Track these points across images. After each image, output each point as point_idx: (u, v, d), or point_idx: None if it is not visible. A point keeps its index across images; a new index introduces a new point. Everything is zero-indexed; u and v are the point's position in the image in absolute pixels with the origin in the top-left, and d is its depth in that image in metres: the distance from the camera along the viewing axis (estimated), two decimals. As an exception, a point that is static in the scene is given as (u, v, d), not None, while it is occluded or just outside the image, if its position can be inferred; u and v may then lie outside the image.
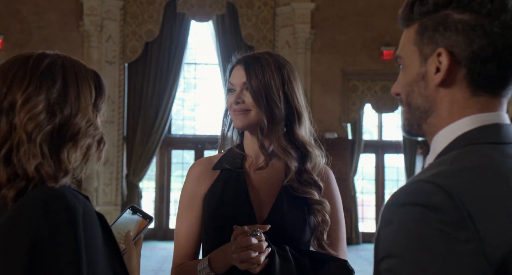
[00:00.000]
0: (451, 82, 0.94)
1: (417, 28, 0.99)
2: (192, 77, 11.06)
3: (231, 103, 1.62)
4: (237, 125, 1.62)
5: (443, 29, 0.94)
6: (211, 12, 9.83)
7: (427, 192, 0.82)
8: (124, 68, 9.82)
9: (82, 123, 1.11)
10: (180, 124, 10.93)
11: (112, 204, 9.60)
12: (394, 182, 10.77)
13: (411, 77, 0.99)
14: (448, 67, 0.93)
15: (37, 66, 1.12)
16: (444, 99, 0.96)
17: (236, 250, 1.41)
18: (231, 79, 1.65)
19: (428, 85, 0.97)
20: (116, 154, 9.72)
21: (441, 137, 0.96)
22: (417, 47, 0.98)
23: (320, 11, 9.86)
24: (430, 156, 0.98)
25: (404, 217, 0.82)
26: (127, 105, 9.89)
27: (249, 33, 9.87)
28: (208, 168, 1.66)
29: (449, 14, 0.94)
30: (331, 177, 1.68)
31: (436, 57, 0.95)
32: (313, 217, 1.59)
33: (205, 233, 1.61)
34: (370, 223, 10.45)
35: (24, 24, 9.46)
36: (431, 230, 0.79)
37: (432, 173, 0.86)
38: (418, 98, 0.99)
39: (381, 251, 0.85)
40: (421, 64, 0.98)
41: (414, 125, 1.02)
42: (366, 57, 9.86)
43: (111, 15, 9.68)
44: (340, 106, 9.83)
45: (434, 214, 0.79)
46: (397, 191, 0.87)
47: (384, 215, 0.87)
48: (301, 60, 9.75)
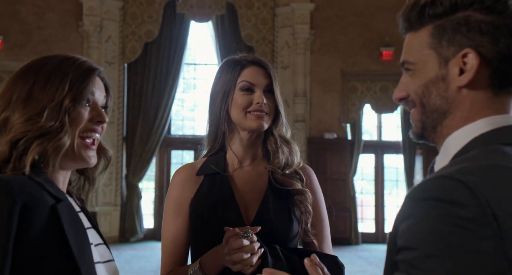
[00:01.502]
0: (475, 83, 0.94)
1: (431, 31, 0.97)
2: (192, 78, 11.07)
3: (248, 103, 1.60)
4: (256, 128, 1.60)
5: (466, 30, 0.93)
6: (211, 12, 9.84)
7: (450, 188, 0.82)
8: (123, 69, 9.83)
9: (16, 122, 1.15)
10: (179, 125, 10.93)
11: (112, 204, 9.60)
12: (394, 183, 10.77)
13: (427, 79, 0.98)
14: (477, 68, 0.92)
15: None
16: (466, 100, 0.95)
17: (228, 252, 1.41)
18: (249, 78, 1.61)
19: (449, 86, 0.96)
20: (115, 155, 9.72)
21: (456, 138, 0.96)
22: (433, 50, 0.97)
23: (320, 11, 9.87)
24: (441, 157, 0.97)
25: (426, 211, 0.82)
26: (127, 105, 9.89)
27: (249, 34, 9.88)
28: (192, 173, 1.65)
29: (470, 15, 0.93)
30: (312, 174, 1.71)
31: (460, 58, 0.94)
32: (297, 209, 1.60)
33: (193, 238, 1.61)
34: (370, 223, 10.45)
35: (24, 25, 9.47)
36: (453, 226, 0.79)
37: (455, 169, 0.85)
38: (436, 99, 0.97)
39: (399, 242, 0.85)
40: (440, 66, 0.96)
41: (428, 127, 1.01)
42: (365, 58, 9.87)
43: (111, 15, 9.68)
44: (339, 107, 9.84)
45: (456, 210, 0.79)
46: (417, 186, 0.87)
47: (404, 209, 0.86)
48: (300, 61, 9.76)
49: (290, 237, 1.57)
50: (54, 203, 1.10)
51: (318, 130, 9.78)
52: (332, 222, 1.73)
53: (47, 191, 1.12)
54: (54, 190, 1.13)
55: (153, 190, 10.41)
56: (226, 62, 1.68)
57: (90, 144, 1.23)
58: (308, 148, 9.46)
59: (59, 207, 1.10)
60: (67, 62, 1.22)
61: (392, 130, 10.72)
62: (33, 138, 1.14)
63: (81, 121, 1.20)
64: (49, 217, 1.08)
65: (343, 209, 9.47)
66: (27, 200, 1.06)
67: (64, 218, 1.10)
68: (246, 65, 1.64)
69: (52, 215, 1.09)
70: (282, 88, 9.35)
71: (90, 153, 1.23)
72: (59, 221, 1.09)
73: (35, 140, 1.14)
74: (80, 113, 1.20)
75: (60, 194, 1.15)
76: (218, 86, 1.66)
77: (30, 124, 1.14)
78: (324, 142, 9.63)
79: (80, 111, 1.20)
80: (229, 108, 1.63)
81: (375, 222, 10.38)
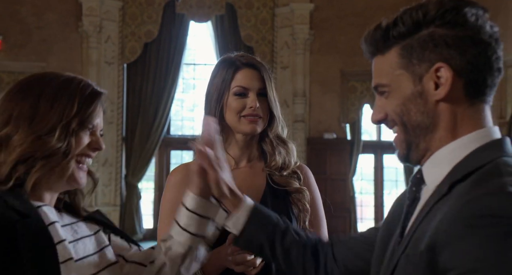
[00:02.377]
0: (451, 95, 0.96)
1: (399, 52, 0.99)
2: (191, 78, 11.06)
3: (242, 107, 1.61)
4: (250, 131, 1.61)
5: (433, 45, 0.95)
6: (210, 12, 9.83)
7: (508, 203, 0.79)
8: (123, 69, 9.82)
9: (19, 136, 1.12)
10: (179, 125, 10.93)
11: (111, 204, 9.59)
12: (393, 183, 10.77)
13: (403, 98, 0.99)
14: (452, 80, 0.94)
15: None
16: (446, 112, 0.97)
17: (231, 253, 1.41)
18: (242, 82, 1.62)
19: (427, 101, 0.97)
20: (115, 155, 9.72)
21: (451, 150, 0.97)
22: (404, 70, 0.99)
23: (319, 11, 9.87)
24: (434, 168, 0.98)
25: (488, 229, 0.78)
26: (126, 105, 9.89)
27: (248, 34, 9.88)
28: (188, 174, 1.65)
29: (434, 31, 0.96)
30: (309, 173, 1.71)
31: (433, 73, 0.96)
32: (295, 208, 1.60)
33: None
34: (369, 223, 10.45)
35: (23, 25, 9.46)
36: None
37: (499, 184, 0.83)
38: (417, 115, 0.99)
39: (460, 265, 0.79)
40: (414, 83, 0.98)
41: (413, 146, 1.02)
42: (365, 58, 9.77)
43: (110, 15, 9.68)
44: (339, 107, 9.84)
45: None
46: (466, 203, 0.83)
47: (452, 228, 0.81)
48: (300, 61, 9.76)
49: None
50: (17, 219, 1.06)
51: (318, 130, 9.78)
52: (332, 222, 1.74)
53: (12, 208, 1.07)
54: (21, 206, 1.09)
55: (152, 190, 10.41)
56: (222, 61, 1.70)
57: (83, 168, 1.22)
58: (307, 148, 9.45)
59: (19, 225, 1.05)
60: (72, 82, 1.21)
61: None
62: (40, 159, 1.12)
63: (81, 146, 1.19)
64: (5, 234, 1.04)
65: (342, 209, 9.47)
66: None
67: (24, 236, 1.05)
68: (240, 67, 1.64)
69: (10, 232, 1.04)
70: (282, 88, 9.36)
71: (81, 174, 1.22)
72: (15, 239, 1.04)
73: (41, 160, 1.12)
74: (82, 137, 1.19)
75: (29, 210, 1.10)
76: (213, 86, 1.67)
77: (39, 144, 1.12)
78: (324, 142, 9.63)
79: (81, 136, 1.19)
80: (224, 111, 1.63)
81: (374, 222, 10.37)
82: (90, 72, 9.18)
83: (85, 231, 1.25)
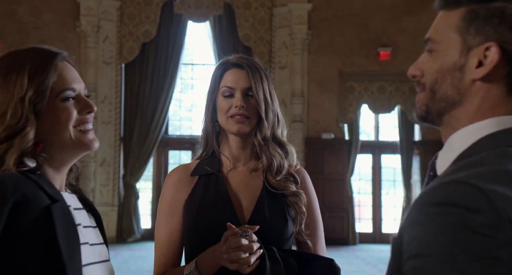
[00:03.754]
0: (490, 78, 0.90)
1: (463, 14, 0.92)
2: (189, 78, 11.06)
3: (229, 107, 1.61)
4: (237, 132, 1.61)
5: (498, 21, 0.89)
6: (208, 12, 9.83)
7: (465, 194, 0.78)
8: (121, 69, 9.82)
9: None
10: (177, 125, 10.93)
11: (109, 204, 9.59)
12: (391, 183, 10.78)
13: (445, 65, 0.94)
14: (496, 63, 0.88)
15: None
16: (478, 94, 0.91)
17: (226, 250, 1.42)
18: (228, 83, 1.62)
19: (464, 77, 0.92)
20: (113, 155, 9.72)
21: (462, 136, 0.92)
22: (459, 35, 0.92)
23: (317, 11, 9.88)
24: (446, 153, 0.94)
25: (439, 217, 0.78)
26: (124, 105, 9.88)
27: (246, 34, 9.88)
28: (186, 174, 1.66)
29: (507, 7, 0.89)
30: (306, 177, 1.70)
31: (482, 50, 0.89)
32: (291, 210, 1.60)
33: (188, 240, 1.61)
34: (367, 223, 10.46)
35: (21, 25, 9.45)
36: (469, 232, 0.76)
37: (468, 174, 0.82)
38: (448, 88, 0.93)
39: (408, 250, 0.80)
40: (461, 54, 0.92)
41: (433, 113, 0.97)
42: (363, 58, 9.88)
43: (108, 15, 9.68)
44: (337, 107, 9.85)
45: (472, 216, 0.76)
46: (429, 190, 0.83)
47: (413, 214, 0.82)
48: (298, 61, 9.77)
49: (285, 237, 1.58)
50: (49, 204, 1.09)
51: (316, 130, 9.78)
52: (330, 222, 1.74)
53: (44, 191, 1.11)
54: (51, 190, 1.13)
55: (150, 190, 10.41)
56: (218, 63, 1.71)
57: (87, 130, 1.22)
58: (305, 149, 9.46)
59: (53, 208, 1.09)
60: (23, 53, 1.19)
61: (390, 130, 10.73)
62: (5, 140, 1.12)
63: (70, 117, 1.18)
64: (41, 218, 1.08)
65: (340, 209, 9.48)
66: (19, 200, 1.05)
67: (57, 219, 1.09)
68: (229, 67, 1.65)
69: (45, 216, 1.08)
70: (280, 88, 9.37)
71: (90, 136, 1.22)
72: (52, 222, 1.08)
73: (6, 141, 1.12)
74: (64, 109, 1.18)
75: (57, 195, 1.14)
76: (209, 88, 1.68)
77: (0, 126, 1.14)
78: (322, 142, 9.64)
79: (63, 108, 1.17)
80: (217, 112, 1.65)
81: (372, 222, 10.39)
82: (88, 72, 9.18)
83: (88, 221, 1.26)
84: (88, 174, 9.25)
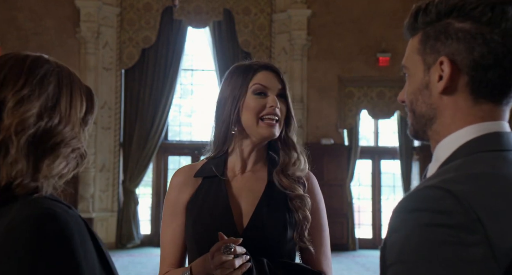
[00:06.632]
0: (453, 90, 0.96)
1: (420, 38, 1.01)
2: (189, 83, 11.08)
3: (261, 107, 1.58)
4: (268, 136, 1.59)
5: (445, 37, 0.96)
6: (208, 18, 9.86)
7: (435, 197, 0.82)
8: (120, 75, 9.83)
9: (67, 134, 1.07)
10: (176, 130, 10.93)
11: (109, 210, 9.58)
12: (391, 188, 10.78)
13: (416, 85, 1.01)
14: (450, 75, 0.95)
15: (34, 69, 1.08)
16: (448, 107, 0.97)
17: (214, 266, 1.42)
18: (263, 81, 1.60)
19: (432, 93, 0.98)
20: (112, 160, 9.71)
21: (444, 146, 0.98)
22: (420, 57, 1.00)
23: (317, 17, 9.91)
24: (432, 164, 0.99)
25: (413, 223, 0.82)
26: (124, 111, 9.89)
27: (246, 40, 9.90)
28: (191, 175, 1.65)
29: (450, 23, 0.96)
30: (314, 181, 1.70)
31: (438, 65, 0.96)
32: (295, 214, 1.58)
33: (188, 241, 1.61)
34: (367, 229, 10.44)
35: (21, 31, 9.47)
36: (441, 235, 0.79)
37: (439, 179, 0.86)
38: (422, 106, 1.01)
39: (389, 258, 0.84)
40: (424, 73, 0.99)
41: (420, 131, 1.04)
42: (362, 64, 9.90)
43: (108, 21, 9.70)
44: (336, 112, 9.86)
45: (443, 219, 0.79)
46: (404, 198, 0.87)
47: (392, 222, 0.86)
48: (297, 67, 9.78)
49: (282, 244, 1.55)
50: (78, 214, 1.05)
51: (315, 135, 9.79)
52: (329, 227, 1.73)
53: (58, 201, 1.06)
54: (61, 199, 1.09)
55: (150, 196, 10.39)
56: (237, 67, 1.66)
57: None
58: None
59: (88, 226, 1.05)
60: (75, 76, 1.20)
61: (389, 135, 10.74)
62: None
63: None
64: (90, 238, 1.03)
65: (340, 215, 9.47)
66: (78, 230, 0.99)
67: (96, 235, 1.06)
68: (259, 69, 1.63)
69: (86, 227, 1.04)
70: (279, 94, 9.38)
71: None
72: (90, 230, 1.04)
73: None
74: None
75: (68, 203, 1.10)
76: (227, 91, 1.62)
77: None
78: (321, 147, 9.64)
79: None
80: (240, 112, 1.60)
81: (372, 227, 10.38)
82: (88, 78, 9.19)
83: None
84: (87, 179, 9.25)
